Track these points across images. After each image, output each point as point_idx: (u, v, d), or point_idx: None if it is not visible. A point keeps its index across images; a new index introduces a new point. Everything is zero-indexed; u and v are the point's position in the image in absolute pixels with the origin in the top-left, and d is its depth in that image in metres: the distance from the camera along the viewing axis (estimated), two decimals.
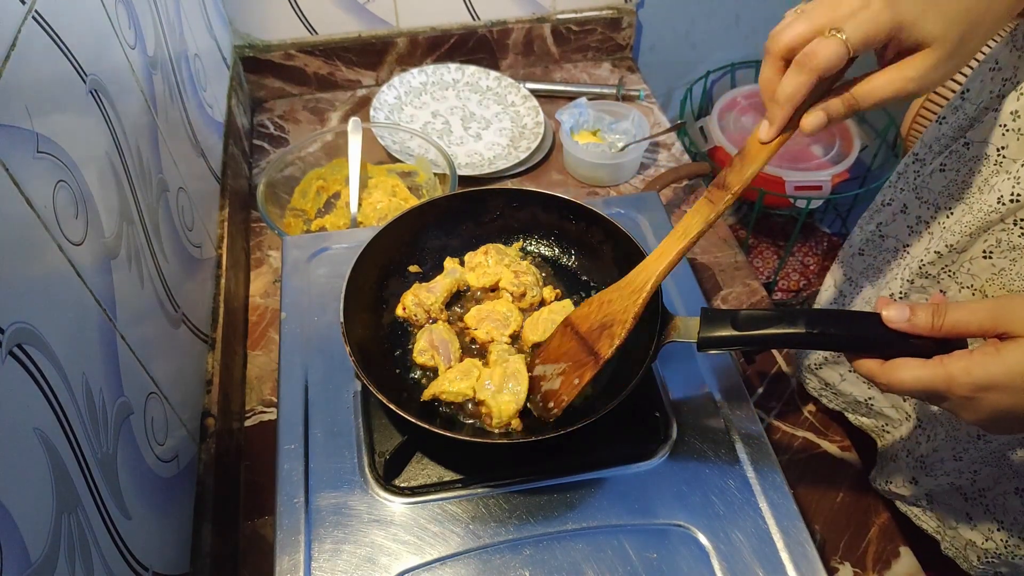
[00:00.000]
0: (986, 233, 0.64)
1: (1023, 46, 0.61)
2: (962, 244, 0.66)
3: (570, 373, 0.65)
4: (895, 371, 0.53)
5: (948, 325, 0.51)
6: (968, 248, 0.66)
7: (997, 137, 0.63)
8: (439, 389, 0.66)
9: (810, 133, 0.57)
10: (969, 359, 0.49)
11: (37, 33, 0.54)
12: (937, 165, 0.70)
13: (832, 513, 0.82)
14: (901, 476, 0.79)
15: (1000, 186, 0.62)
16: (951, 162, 0.69)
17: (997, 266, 0.64)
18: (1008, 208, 0.61)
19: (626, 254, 0.74)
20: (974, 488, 0.73)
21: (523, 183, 1.19)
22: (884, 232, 0.78)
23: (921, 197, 0.73)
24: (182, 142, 0.89)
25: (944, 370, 0.50)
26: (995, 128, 0.63)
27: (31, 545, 0.42)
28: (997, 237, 0.63)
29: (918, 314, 0.52)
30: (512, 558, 0.61)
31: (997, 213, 0.62)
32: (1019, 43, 0.62)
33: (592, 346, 0.64)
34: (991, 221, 0.63)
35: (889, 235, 0.77)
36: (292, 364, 0.74)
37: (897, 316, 0.53)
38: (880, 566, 0.78)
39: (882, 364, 0.54)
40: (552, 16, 1.36)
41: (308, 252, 0.84)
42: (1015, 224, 0.61)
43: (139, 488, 0.60)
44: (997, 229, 0.63)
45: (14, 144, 0.48)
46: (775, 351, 0.98)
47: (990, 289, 0.65)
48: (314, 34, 1.29)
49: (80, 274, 0.55)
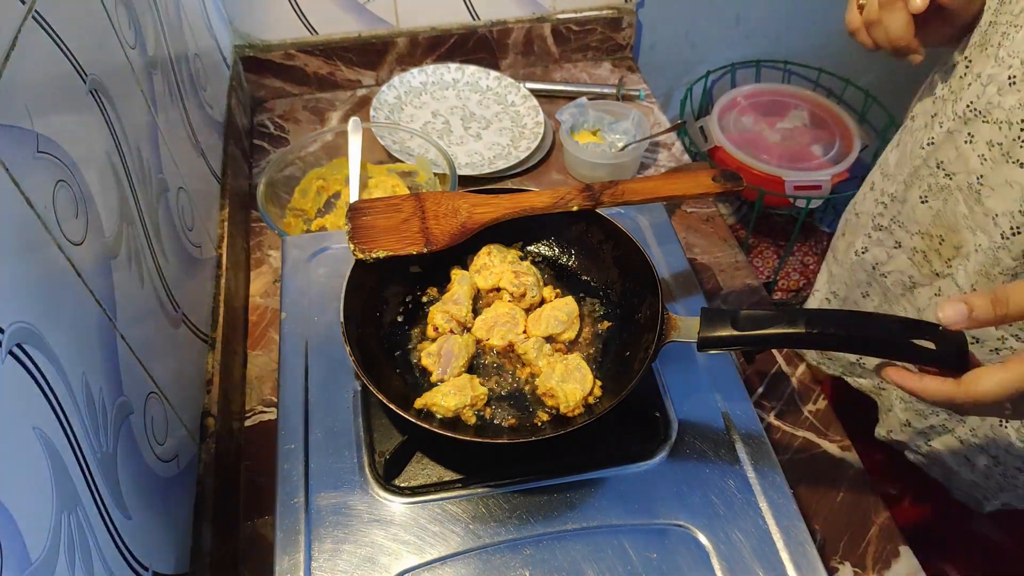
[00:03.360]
0: (919, 180, 0.74)
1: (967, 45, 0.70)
2: (900, 193, 0.77)
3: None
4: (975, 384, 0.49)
5: (1013, 308, 0.47)
6: (907, 197, 0.75)
7: (928, 105, 0.76)
8: (431, 401, 0.66)
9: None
10: None
11: (37, 33, 0.54)
12: (895, 142, 0.81)
13: (832, 513, 0.82)
14: (897, 422, 0.84)
15: (923, 137, 0.73)
16: (903, 136, 0.80)
17: (933, 208, 0.73)
18: (927, 152, 0.72)
19: (626, 254, 0.74)
20: (965, 428, 0.77)
21: (523, 183, 1.19)
22: (858, 210, 0.88)
23: (884, 172, 0.83)
24: (182, 142, 0.89)
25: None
26: (927, 101, 0.75)
27: (31, 544, 0.42)
28: (928, 183, 0.73)
29: (977, 306, 0.48)
30: (512, 558, 0.61)
31: (920, 157, 0.73)
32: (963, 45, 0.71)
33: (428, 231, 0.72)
34: (916, 166, 0.73)
35: (862, 212, 0.86)
36: (292, 364, 0.74)
37: (956, 315, 0.49)
38: (880, 566, 0.78)
39: (958, 383, 0.50)
40: (552, 16, 1.36)
41: (308, 252, 0.84)
42: (938, 167, 0.71)
43: (139, 488, 0.60)
44: (927, 176, 0.73)
45: (14, 144, 0.48)
46: (775, 351, 0.98)
47: (935, 230, 0.74)
48: (314, 34, 1.29)
49: (80, 274, 0.55)
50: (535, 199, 0.74)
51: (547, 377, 0.68)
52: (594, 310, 0.76)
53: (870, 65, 1.61)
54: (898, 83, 1.59)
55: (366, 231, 0.71)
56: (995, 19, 0.65)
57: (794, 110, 1.51)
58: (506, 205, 0.74)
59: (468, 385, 0.67)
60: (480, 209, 0.74)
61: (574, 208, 0.73)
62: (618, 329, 0.74)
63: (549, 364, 0.69)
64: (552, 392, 0.67)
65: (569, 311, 0.73)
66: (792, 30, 1.54)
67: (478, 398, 0.67)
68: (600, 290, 0.77)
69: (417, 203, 0.74)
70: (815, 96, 1.52)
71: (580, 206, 0.73)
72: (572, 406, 0.66)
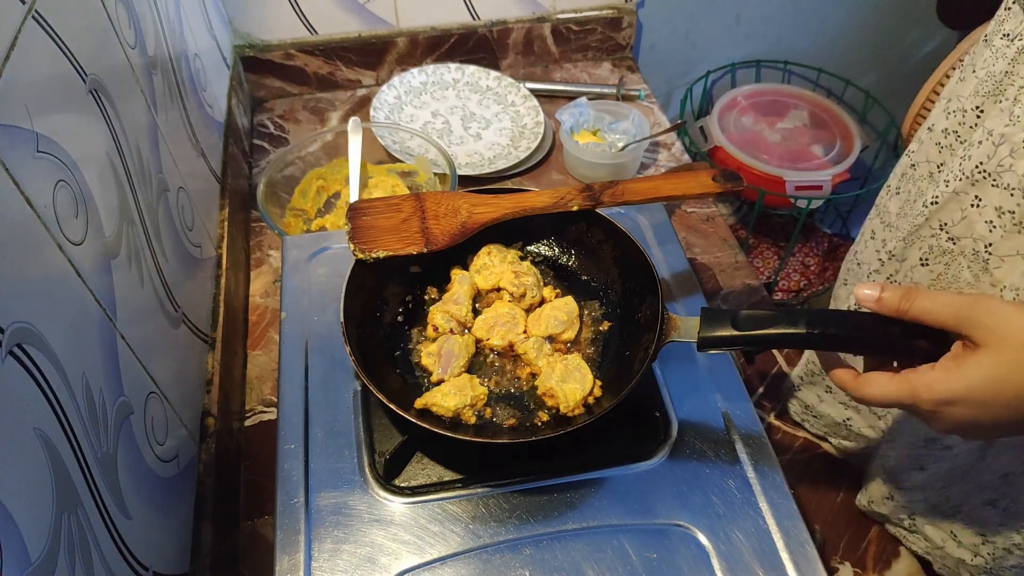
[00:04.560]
0: (919, 240, 0.69)
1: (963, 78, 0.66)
2: (900, 251, 0.71)
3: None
4: (866, 385, 0.55)
5: (915, 311, 0.52)
6: (907, 256, 0.71)
7: (934, 154, 0.68)
8: (431, 401, 0.66)
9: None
10: (932, 375, 0.51)
11: (37, 33, 0.54)
12: (895, 188, 0.76)
13: (832, 513, 0.82)
14: (879, 493, 0.81)
15: (927, 192, 0.67)
16: (903, 184, 0.74)
17: (934, 272, 0.68)
18: (931, 211, 0.66)
19: (626, 254, 0.74)
20: (949, 506, 0.75)
21: (523, 183, 1.19)
22: (860, 260, 0.83)
23: (884, 221, 0.77)
24: (182, 142, 0.89)
25: (910, 386, 0.52)
26: (932, 147, 0.69)
27: (31, 544, 0.42)
28: (929, 244, 0.68)
29: (887, 293, 0.53)
30: (512, 558, 0.61)
31: (922, 216, 0.66)
32: (966, 73, 0.66)
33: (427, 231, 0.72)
34: (918, 224, 0.68)
35: (863, 262, 0.82)
36: (292, 364, 0.74)
37: (868, 294, 0.54)
38: (880, 566, 0.78)
39: (855, 377, 0.56)
40: (552, 16, 1.36)
41: (308, 252, 0.84)
42: (941, 229, 0.66)
43: (139, 488, 0.60)
44: (927, 236, 0.67)
45: (14, 144, 0.48)
46: (775, 351, 0.98)
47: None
48: (314, 34, 1.29)
49: (80, 274, 0.55)
50: (535, 199, 0.74)
51: (547, 377, 0.68)
52: (594, 310, 0.76)
53: (870, 65, 1.62)
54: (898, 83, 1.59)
55: (366, 231, 0.71)
56: (1011, 69, 0.60)
57: (794, 110, 1.51)
58: (506, 205, 0.74)
59: (468, 385, 0.67)
60: (480, 209, 0.74)
61: (574, 208, 0.73)
62: (618, 329, 0.74)
63: (549, 364, 0.69)
64: (552, 392, 0.67)
65: (569, 311, 0.73)
66: (792, 30, 1.54)
67: (478, 398, 0.67)
68: (600, 290, 0.77)
69: (417, 203, 0.74)
70: (815, 96, 1.52)
71: (580, 206, 0.73)
72: (572, 406, 0.66)
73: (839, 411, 0.85)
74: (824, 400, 0.86)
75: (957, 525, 0.74)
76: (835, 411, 0.85)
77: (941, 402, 0.50)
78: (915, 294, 0.52)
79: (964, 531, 0.74)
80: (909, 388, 0.52)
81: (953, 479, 0.72)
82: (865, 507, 0.83)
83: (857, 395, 0.55)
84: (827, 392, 0.85)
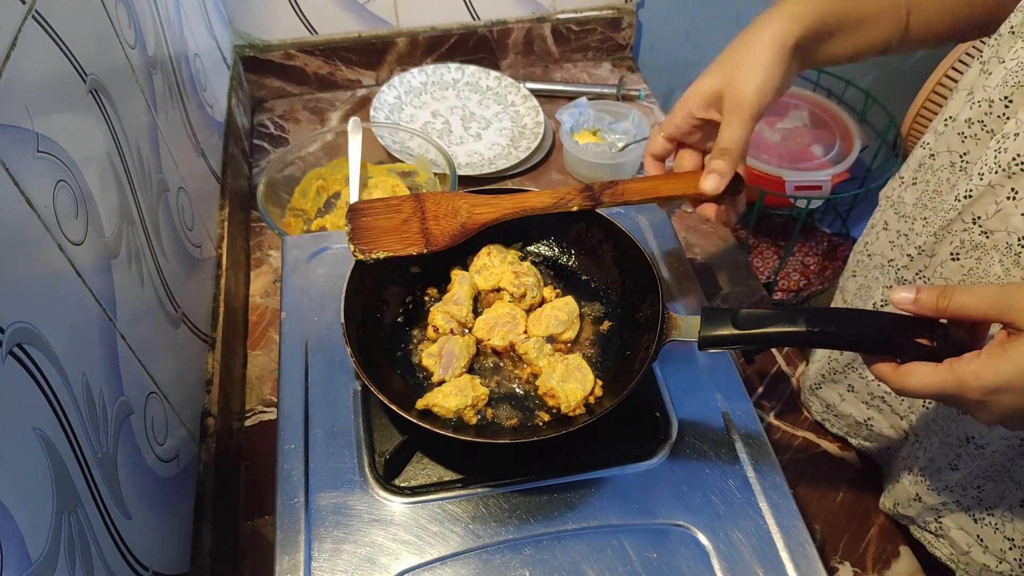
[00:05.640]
0: (950, 235, 0.66)
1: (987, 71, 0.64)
2: (929, 246, 0.69)
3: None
4: (907, 376, 0.53)
5: (953, 307, 0.51)
6: (937, 251, 0.68)
7: (956, 144, 0.67)
8: (432, 401, 0.66)
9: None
10: (978, 362, 0.50)
11: (37, 33, 0.54)
12: (910, 179, 0.74)
13: (832, 513, 0.82)
14: (905, 495, 0.79)
15: (959, 185, 0.65)
16: (921, 174, 0.72)
17: (965, 267, 0.66)
18: (963, 204, 0.64)
19: (626, 254, 0.74)
20: (981, 507, 0.73)
21: (523, 183, 1.19)
22: (871, 251, 0.81)
23: (899, 212, 0.76)
24: (182, 142, 0.89)
25: (955, 375, 0.50)
26: (953, 136, 0.67)
27: (31, 544, 0.42)
28: (960, 238, 0.65)
29: (923, 294, 0.52)
30: (512, 558, 0.61)
31: (955, 210, 0.65)
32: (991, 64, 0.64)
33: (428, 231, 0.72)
34: (950, 219, 0.65)
35: (875, 253, 0.80)
36: (292, 364, 0.74)
37: (903, 297, 0.53)
38: (880, 566, 0.78)
39: (895, 369, 0.55)
40: (552, 16, 1.36)
41: (308, 252, 0.84)
42: (973, 223, 0.64)
43: (139, 488, 0.60)
44: (959, 230, 0.65)
45: (14, 144, 0.48)
46: (775, 351, 0.98)
47: None
48: (314, 34, 1.29)
49: (80, 274, 0.55)
50: (535, 199, 0.74)
51: (548, 377, 0.68)
52: (594, 310, 0.76)
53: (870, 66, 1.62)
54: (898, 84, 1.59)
55: (366, 232, 0.71)
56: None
57: (794, 110, 1.51)
58: (506, 205, 0.74)
59: (469, 385, 0.67)
60: (480, 209, 0.74)
61: (574, 208, 0.73)
62: (618, 329, 0.74)
63: (550, 364, 0.69)
64: (553, 392, 0.67)
65: (569, 311, 0.73)
66: None
67: (479, 398, 0.67)
68: (600, 290, 0.77)
69: (417, 204, 0.74)
70: (815, 96, 1.52)
71: (580, 206, 0.73)
72: (573, 406, 0.66)
73: (861, 411, 0.84)
74: (846, 399, 0.85)
75: (986, 530, 0.73)
76: (857, 411, 0.84)
77: (990, 390, 0.49)
78: (951, 291, 0.52)
79: (993, 536, 0.73)
80: (955, 377, 0.50)
81: (989, 478, 0.71)
82: (890, 510, 0.82)
83: (898, 386, 0.54)
84: (849, 391, 0.84)
